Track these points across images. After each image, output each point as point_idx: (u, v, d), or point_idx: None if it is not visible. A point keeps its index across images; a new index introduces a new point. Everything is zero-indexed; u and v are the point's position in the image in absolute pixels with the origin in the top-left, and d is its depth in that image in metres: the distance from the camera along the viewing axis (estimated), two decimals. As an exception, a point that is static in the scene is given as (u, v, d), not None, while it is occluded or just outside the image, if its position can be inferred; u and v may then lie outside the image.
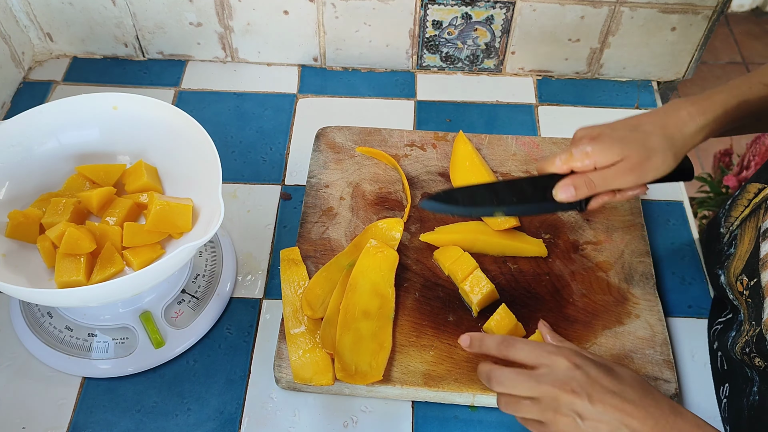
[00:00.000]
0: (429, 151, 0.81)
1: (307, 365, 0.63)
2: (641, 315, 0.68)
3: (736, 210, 0.64)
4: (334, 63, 0.94)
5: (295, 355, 0.64)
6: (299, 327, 0.66)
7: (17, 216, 0.63)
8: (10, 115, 0.79)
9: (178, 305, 0.68)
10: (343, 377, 0.61)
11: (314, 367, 0.63)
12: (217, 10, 0.87)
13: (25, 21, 0.90)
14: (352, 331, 0.64)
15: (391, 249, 0.69)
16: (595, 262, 0.71)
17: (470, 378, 0.63)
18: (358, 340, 0.63)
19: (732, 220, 0.64)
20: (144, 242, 0.63)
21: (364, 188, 0.77)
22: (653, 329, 0.66)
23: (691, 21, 0.86)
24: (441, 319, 0.67)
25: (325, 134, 0.82)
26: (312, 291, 0.67)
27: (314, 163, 0.79)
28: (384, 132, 0.82)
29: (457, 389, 0.62)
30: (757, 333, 0.56)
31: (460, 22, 0.87)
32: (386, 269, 0.68)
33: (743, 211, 0.62)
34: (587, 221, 0.74)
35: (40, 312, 0.67)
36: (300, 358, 0.64)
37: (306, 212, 0.75)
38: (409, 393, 0.63)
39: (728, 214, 0.65)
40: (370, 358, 0.63)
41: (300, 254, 0.71)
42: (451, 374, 0.63)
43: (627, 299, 0.69)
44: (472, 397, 0.63)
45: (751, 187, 0.62)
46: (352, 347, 0.63)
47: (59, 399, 0.64)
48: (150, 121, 0.68)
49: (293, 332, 0.65)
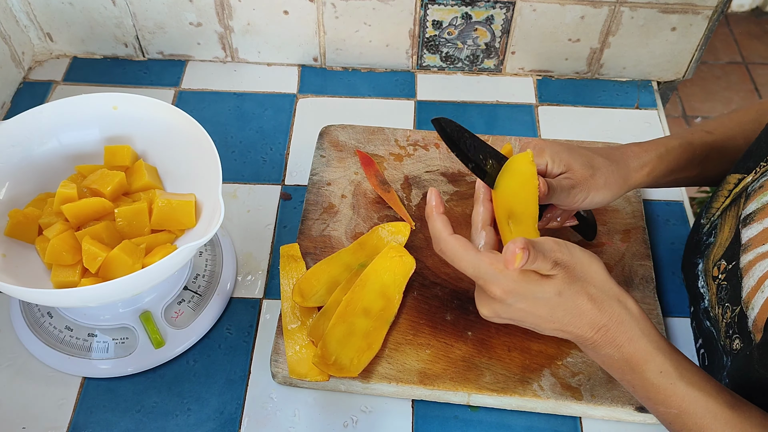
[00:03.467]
0: (432, 150, 0.81)
1: (303, 361, 0.64)
2: None
3: (717, 201, 0.65)
4: (334, 63, 0.94)
5: (292, 350, 0.64)
6: (297, 323, 0.66)
7: (17, 215, 0.63)
8: (10, 115, 0.79)
9: (178, 305, 0.68)
10: (318, 363, 0.61)
11: (310, 362, 0.63)
12: (217, 10, 0.87)
13: (25, 21, 0.90)
14: (347, 324, 0.64)
15: (411, 257, 0.69)
16: (595, 262, 0.71)
17: (465, 377, 0.63)
18: (349, 334, 0.63)
19: (713, 211, 0.65)
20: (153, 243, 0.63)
21: (366, 187, 0.77)
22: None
23: (691, 21, 0.86)
24: (438, 318, 0.67)
25: (329, 132, 0.82)
26: (307, 280, 0.67)
27: (317, 161, 0.79)
28: (387, 131, 0.82)
29: (452, 388, 0.62)
30: (738, 312, 0.56)
31: (460, 22, 0.87)
32: (400, 274, 0.68)
33: (724, 202, 0.63)
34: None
35: (40, 312, 0.67)
36: (296, 353, 0.64)
37: (307, 209, 0.75)
38: (405, 391, 0.63)
39: (709, 206, 0.66)
40: (354, 355, 0.63)
41: (300, 251, 0.71)
42: (447, 373, 0.63)
43: None
44: (467, 396, 0.63)
45: (731, 178, 0.63)
46: (340, 339, 0.63)
47: (59, 399, 0.64)
48: (150, 121, 0.68)
49: (290, 328, 0.66)
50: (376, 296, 0.66)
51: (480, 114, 0.90)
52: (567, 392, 0.62)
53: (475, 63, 0.93)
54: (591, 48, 0.90)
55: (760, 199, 0.58)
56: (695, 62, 0.91)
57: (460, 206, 0.76)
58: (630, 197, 0.76)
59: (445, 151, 0.80)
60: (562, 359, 0.64)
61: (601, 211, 0.75)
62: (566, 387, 0.62)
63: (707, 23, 0.86)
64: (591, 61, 0.92)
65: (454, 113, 0.89)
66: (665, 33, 0.87)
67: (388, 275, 0.67)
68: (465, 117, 0.89)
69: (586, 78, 0.94)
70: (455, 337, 0.65)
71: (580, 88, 0.93)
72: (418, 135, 0.82)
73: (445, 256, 0.54)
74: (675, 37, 0.88)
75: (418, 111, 0.90)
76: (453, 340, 0.65)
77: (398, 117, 0.88)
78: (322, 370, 0.62)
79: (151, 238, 0.64)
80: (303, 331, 0.65)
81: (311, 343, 0.64)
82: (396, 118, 0.88)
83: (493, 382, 0.63)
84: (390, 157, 0.80)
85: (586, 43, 0.89)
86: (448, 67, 0.94)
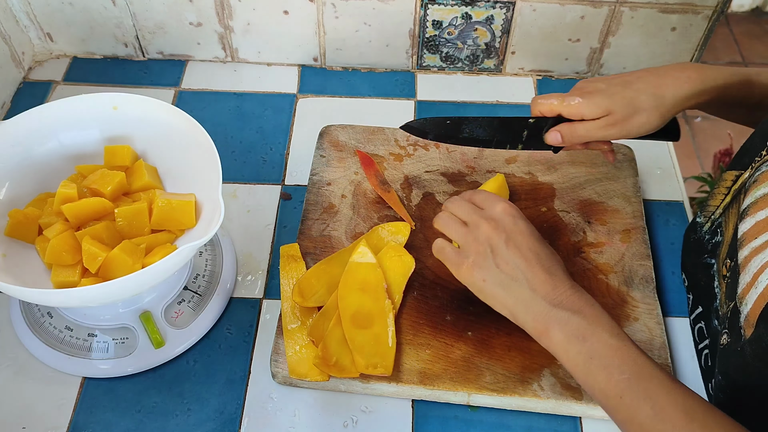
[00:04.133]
0: (432, 150, 0.81)
1: (303, 361, 0.64)
2: (640, 318, 0.67)
3: (715, 199, 0.65)
4: (334, 63, 0.94)
5: (292, 350, 0.64)
6: (297, 323, 0.66)
7: (17, 215, 0.63)
8: (10, 115, 0.79)
9: (178, 305, 0.68)
10: (320, 364, 0.61)
11: (310, 362, 0.63)
12: (217, 10, 0.87)
13: (25, 21, 0.90)
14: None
15: (410, 256, 0.69)
16: (595, 264, 0.71)
17: (466, 378, 0.63)
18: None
19: (711, 209, 0.65)
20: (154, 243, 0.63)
21: (366, 186, 0.77)
22: (651, 333, 0.66)
23: (691, 21, 0.86)
24: (439, 318, 0.67)
25: (329, 132, 0.82)
26: (307, 280, 0.67)
27: (317, 161, 0.79)
28: (387, 131, 0.82)
29: (452, 388, 0.62)
30: (731, 308, 0.56)
31: (460, 22, 0.87)
32: (400, 274, 0.68)
33: (724, 199, 0.63)
34: (588, 223, 0.74)
35: (40, 312, 0.67)
36: (296, 353, 0.64)
37: (307, 209, 0.75)
38: (405, 391, 0.63)
39: (706, 204, 0.66)
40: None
41: (300, 251, 0.71)
42: (447, 373, 0.63)
43: (626, 302, 0.69)
44: (467, 396, 0.63)
45: (728, 175, 0.63)
46: (340, 340, 0.63)
47: (59, 399, 0.64)
48: (150, 121, 0.68)
49: (290, 328, 0.65)
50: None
51: (480, 114, 0.89)
52: (567, 392, 0.62)
53: (475, 63, 0.93)
54: (591, 48, 0.90)
55: (753, 194, 0.58)
56: (695, 62, 0.91)
57: (459, 206, 0.76)
58: (630, 197, 0.76)
59: (445, 151, 0.80)
60: None
61: (601, 210, 0.75)
62: (566, 387, 0.62)
63: (707, 23, 0.86)
64: (591, 61, 0.92)
65: (454, 113, 0.89)
66: (665, 33, 0.87)
67: (387, 275, 0.67)
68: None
69: (586, 78, 0.94)
70: (455, 337, 0.65)
71: (580, 88, 0.93)
72: None
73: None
74: (675, 37, 0.88)
75: (418, 111, 0.90)
76: (453, 340, 0.65)
77: (398, 117, 0.88)
78: (323, 371, 0.62)
79: (151, 238, 0.64)
80: (303, 331, 0.65)
81: (311, 343, 0.64)
82: (396, 118, 0.88)
83: (493, 382, 0.63)
84: (390, 157, 0.80)
85: (586, 43, 0.89)
86: (448, 67, 0.94)
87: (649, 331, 0.66)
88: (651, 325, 0.67)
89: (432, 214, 0.75)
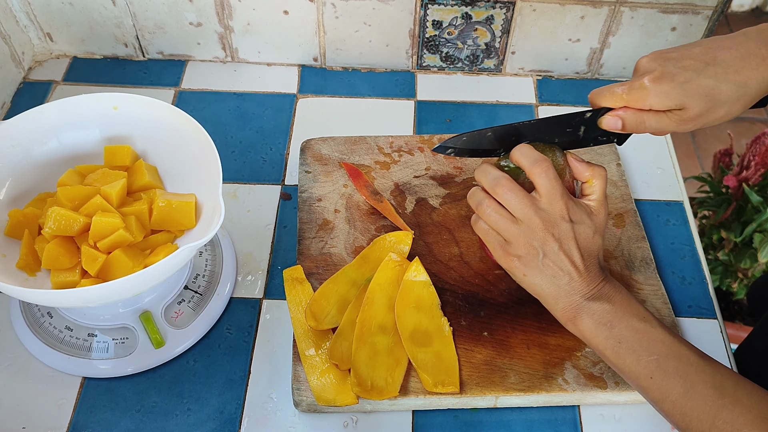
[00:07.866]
0: (417, 155, 0.80)
1: (328, 386, 0.62)
2: (647, 300, 0.68)
3: None
4: (334, 63, 0.94)
5: (313, 376, 0.62)
6: (312, 347, 0.64)
7: (17, 215, 0.63)
8: (10, 115, 0.79)
9: (178, 305, 0.68)
10: (360, 392, 0.60)
11: (335, 387, 0.62)
12: (217, 10, 0.87)
13: (25, 21, 0.90)
14: (368, 345, 0.63)
15: (408, 262, 0.68)
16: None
17: (491, 381, 0.62)
18: (374, 355, 0.63)
19: None
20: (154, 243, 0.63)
21: (358, 198, 0.76)
22: (660, 313, 0.67)
23: (691, 21, 0.86)
24: (454, 324, 0.66)
25: (310, 147, 0.80)
26: (317, 302, 0.66)
27: (303, 178, 0.78)
28: (369, 139, 0.81)
29: (479, 393, 0.62)
30: None
31: (460, 22, 0.87)
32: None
33: None
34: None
35: (40, 312, 0.67)
36: (318, 379, 0.62)
37: (302, 228, 0.73)
38: (433, 402, 0.62)
39: None
40: (386, 374, 0.62)
41: (303, 272, 0.70)
42: (472, 379, 0.63)
43: (630, 285, 0.69)
44: (495, 399, 0.62)
45: None
46: (368, 362, 0.62)
47: (59, 399, 0.64)
48: (150, 121, 0.68)
49: (308, 354, 0.64)
50: (387, 311, 0.65)
51: (480, 114, 0.89)
52: (591, 382, 0.62)
53: (475, 63, 0.93)
54: (591, 48, 0.90)
55: None
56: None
57: (454, 208, 0.75)
58: (616, 182, 0.77)
59: (430, 154, 0.80)
60: (581, 350, 0.64)
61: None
62: (589, 377, 0.63)
63: (707, 23, 0.86)
64: (591, 61, 0.92)
65: (454, 113, 0.89)
66: (665, 33, 0.87)
67: (392, 287, 0.67)
68: (465, 117, 0.89)
69: (586, 78, 0.94)
70: (473, 341, 0.65)
71: (580, 88, 0.93)
72: (401, 140, 0.81)
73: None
74: (675, 37, 0.88)
75: (418, 111, 0.90)
76: (472, 344, 0.65)
77: (398, 117, 0.88)
78: (364, 396, 0.60)
79: (151, 238, 0.64)
80: (321, 356, 0.63)
81: (334, 366, 0.62)
82: (396, 118, 0.88)
83: (519, 381, 0.62)
84: (376, 165, 0.79)
85: (586, 43, 0.89)
86: (448, 67, 0.94)
87: (657, 312, 0.67)
88: (658, 305, 0.68)
89: (428, 219, 0.74)
